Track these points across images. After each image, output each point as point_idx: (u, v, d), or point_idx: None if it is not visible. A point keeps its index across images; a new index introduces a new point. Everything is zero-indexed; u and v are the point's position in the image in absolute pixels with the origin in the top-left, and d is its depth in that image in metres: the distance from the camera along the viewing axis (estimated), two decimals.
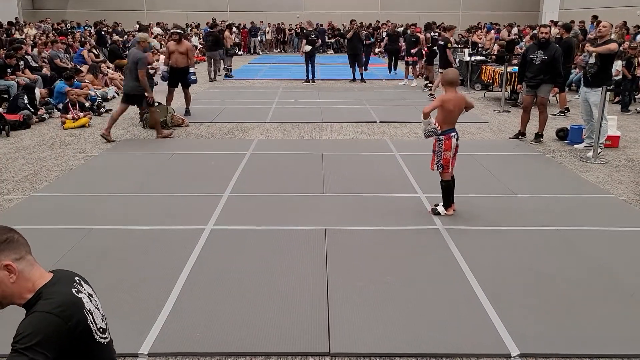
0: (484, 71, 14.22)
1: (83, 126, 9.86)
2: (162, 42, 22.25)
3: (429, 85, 14.76)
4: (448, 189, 5.39)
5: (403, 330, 3.42)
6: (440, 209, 5.42)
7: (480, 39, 21.48)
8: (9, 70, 11.43)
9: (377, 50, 27.32)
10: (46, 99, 11.46)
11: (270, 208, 5.66)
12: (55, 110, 11.02)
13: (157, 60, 17.44)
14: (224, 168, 7.08)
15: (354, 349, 3.24)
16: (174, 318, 3.55)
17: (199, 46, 23.55)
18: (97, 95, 11.82)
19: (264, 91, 14.94)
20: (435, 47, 14.33)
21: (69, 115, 9.96)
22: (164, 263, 4.35)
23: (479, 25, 25.66)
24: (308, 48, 16.20)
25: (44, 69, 13.49)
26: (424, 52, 15.45)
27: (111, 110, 11.55)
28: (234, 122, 10.37)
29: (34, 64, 13.21)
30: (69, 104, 10.19)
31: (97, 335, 1.96)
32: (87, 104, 10.92)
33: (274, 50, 32.40)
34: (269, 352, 3.21)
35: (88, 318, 1.92)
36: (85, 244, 4.71)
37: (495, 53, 16.40)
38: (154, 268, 4.26)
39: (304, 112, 11.48)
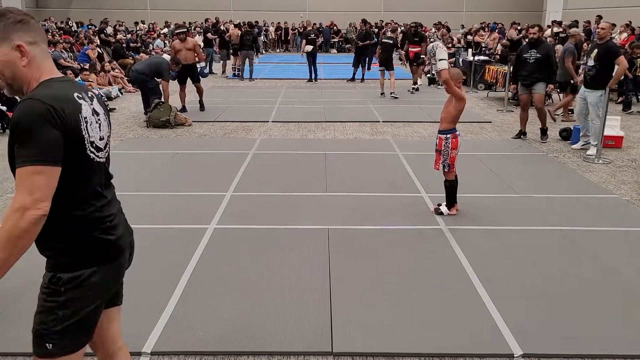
0: (487, 71, 14.21)
1: None
2: (166, 42, 22.35)
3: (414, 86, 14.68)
4: (452, 188, 5.38)
5: (406, 330, 3.42)
6: (444, 208, 5.42)
7: (482, 38, 21.43)
8: None
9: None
10: None
11: (273, 207, 5.66)
12: None
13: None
14: (227, 167, 7.09)
15: (356, 349, 3.24)
16: (177, 317, 3.55)
17: (202, 44, 23.62)
18: (101, 94, 11.84)
19: (267, 90, 14.95)
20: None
21: None
22: (167, 262, 4.35)
23: (483, 26, 25.61)
24: (309, 48, 16.22)
25: None
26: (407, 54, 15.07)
27: (115, 109, 11.60)
28: (237, 122, 10.38)
29: None
30: None
31: (89, 147, 1.92)
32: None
33: (277, 50, 32.40)
34: (272, 351, 3.21)
35: (81, 122, 1.88)
36: None
37: (498, 53, 16.37)
38: (157, 267, 4.26)
39: (307, 111, 11.48)
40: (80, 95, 1.94)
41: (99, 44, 18.38)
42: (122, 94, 14.05)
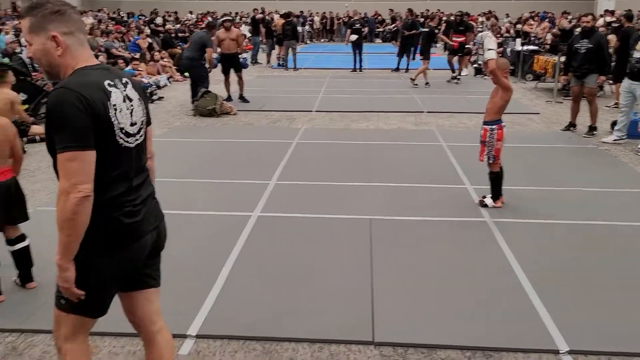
0: (536, 61, 13.84)
1: None
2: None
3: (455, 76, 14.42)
4: (497, 180, 5.30)
5: (448, 322, 3.40)
6: (488, 200, 5.34)
7: (531, 28, 20.88)
8: None
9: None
10: None
11: (316, 196, 5.69)
12: None
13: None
14: (271, 156, 7.15)
15: (398, 339, 3.24)
16: (221, 302, 3.62)
17: (249, 34, 23.81)
18: (150, 83, 12.10)
19: (311, 80, 14.96)
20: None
21: None
22: (212, 248, 4.44)
23: (532, 15, 24.94)
24: (354, 37, 16.16)
25: (100, 57, 13.87)
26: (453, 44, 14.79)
27: (163, 97, 11.82)
28: (281, 111, 10.44)
29: None
30: None
31: (118, 133, 1.97)
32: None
33: (322, 40, 32.37)
34: (313, 338, 3.25)
35: (110, 110, 1.93)
36: None
37: (548, 43, 15.93)
38: (202, 253, 4.35)
39: (351, 101, 11.45)
40: (112, 83, 1.99)
41: (149, 34, 18.74)
42: (170, 82, 14.31)
